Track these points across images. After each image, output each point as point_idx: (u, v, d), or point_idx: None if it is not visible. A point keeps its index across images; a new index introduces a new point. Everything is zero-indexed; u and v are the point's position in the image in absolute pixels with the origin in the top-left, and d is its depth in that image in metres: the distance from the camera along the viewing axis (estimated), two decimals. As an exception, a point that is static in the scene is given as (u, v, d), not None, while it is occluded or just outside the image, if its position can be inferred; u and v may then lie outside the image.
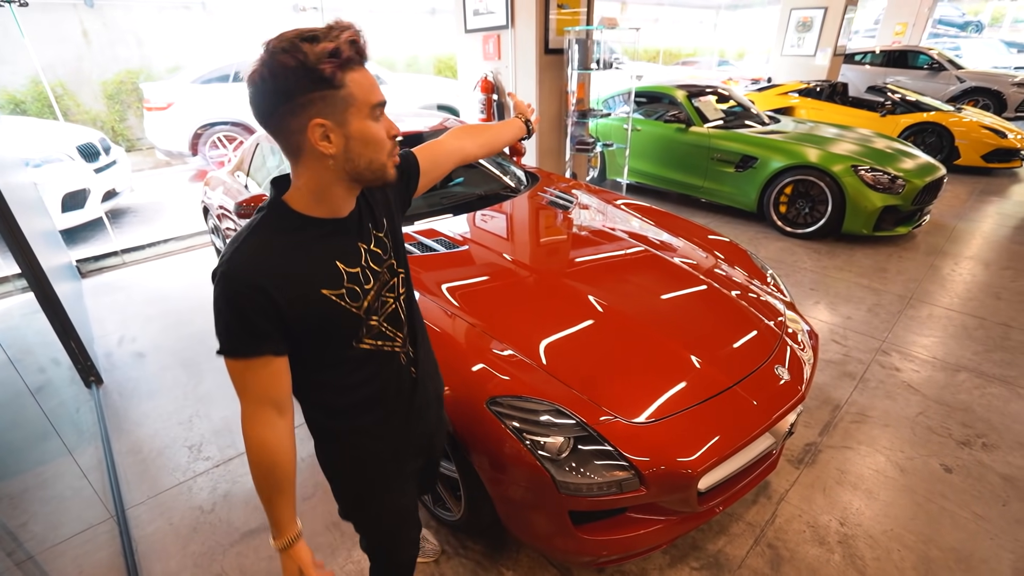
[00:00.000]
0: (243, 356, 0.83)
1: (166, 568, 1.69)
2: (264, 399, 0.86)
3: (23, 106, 6.51)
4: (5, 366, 2.52)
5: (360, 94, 0.77)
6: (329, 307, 0.86)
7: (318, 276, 0.85)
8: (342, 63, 0.74)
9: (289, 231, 0.84)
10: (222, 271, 0.80)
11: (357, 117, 0.78)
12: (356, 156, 0.81)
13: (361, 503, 1.11)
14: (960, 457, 2.10)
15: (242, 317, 0.80)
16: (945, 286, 3.52)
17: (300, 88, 0.74)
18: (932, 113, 6.33)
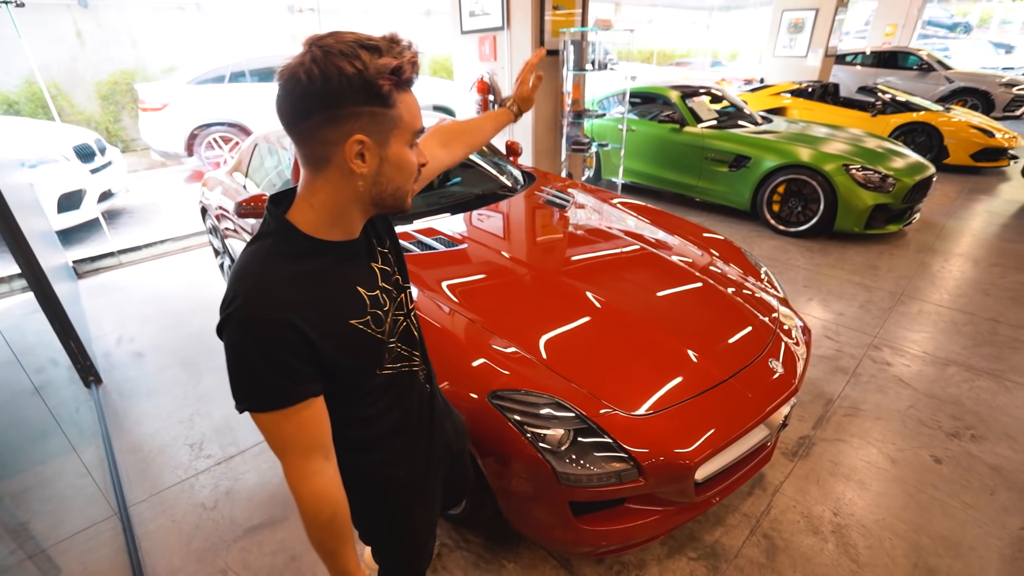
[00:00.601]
0: (281, 407, 0.73)
1: (170, 564, 1.70)
2: (311, 448, 0.77)
3: (16, 106, 6.48)
4: (4, 366, 2.52)
5: (408, 118, 0.73)
6: (359, 337, 0.80)
7: (344, 305, 0.79)
8: (400, 82, 0.70)
9: (303, 258, 0.76)
10: (240, 315, 0.70)
11: (399, 141, 0.74)
12: (386, 181, 0.75)
13: (394, 529, 1.07)
14: (949, 448, 2.14)
15: (274, 362, 0.71)
16: (935, 283, 3.58)
17: (351, 99, 0.67)
18: (921, 113, 6.42)
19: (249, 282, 0.72)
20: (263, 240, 0.76)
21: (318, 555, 0.85)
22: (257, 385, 0.72)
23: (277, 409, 0.73)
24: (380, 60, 0.67)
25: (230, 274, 0.79)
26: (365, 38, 0.68)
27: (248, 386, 0.73)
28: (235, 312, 0.70)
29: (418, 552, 1.15)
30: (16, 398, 2.23)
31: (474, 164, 3.03)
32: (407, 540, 1.10)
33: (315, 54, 0.65)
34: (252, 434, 2.26)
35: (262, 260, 0.74)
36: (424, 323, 1.70)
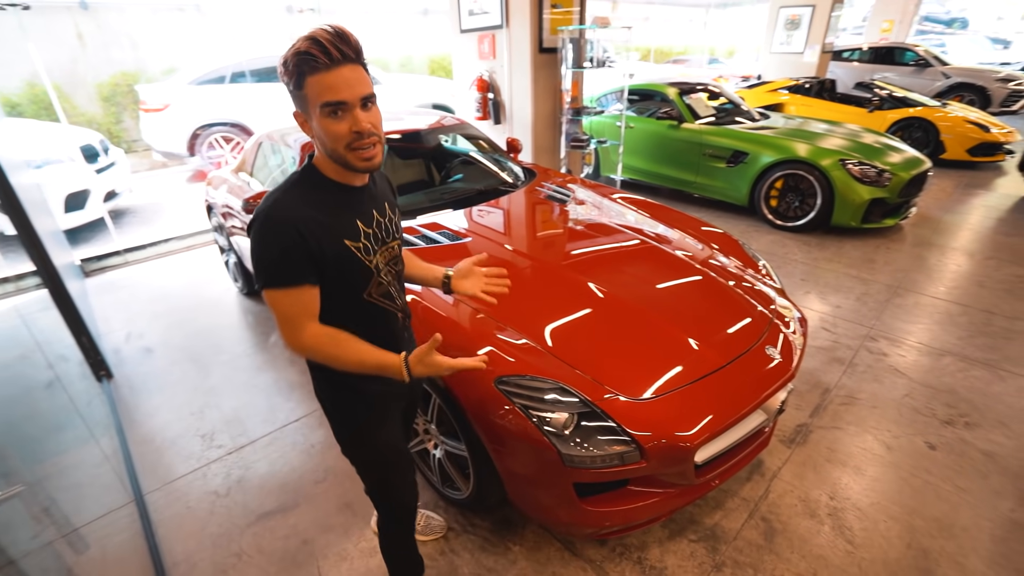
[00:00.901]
0: (284, 286, 0.97)
1: (186, 548, 1.75)
2: (302, 316, 1.00)
3: (19, 108, 6.52)
4: (19, 361, 2.57)
5: (312, 96, 0.92)
6: (349, 256, 1.02)
7: (342, 227, 1.01)
8: (298, 70, 0.90)
9: (319, 189, 1.02)
10: (264, 214, 0.96)
11: (315, 115, 0.94)
12: (323, 144, 0.97)
13: (359, 439, 1.22)
14: (943, 435, 2.20)
15: (282, 252, 0.95)
16: (931, 275, 3.63)
17: (287, 89, 0.96)
18: (918, 109, 6.47)
19: (274, 197, 0.99)
20: (294, 175, 1.04)
21: (364, 372, 1.04)
22: (268, 267, 0.97)
23: (281, 287, 0.97)
24: (283, 57, 0.92)
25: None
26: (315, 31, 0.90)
27: (261, 268, 0.97)
28: (259, 214, 0.97)
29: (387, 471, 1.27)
30: (32, 391, 2.28)
31: (476, 161, 3.08)
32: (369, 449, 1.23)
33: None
34: (262, 425, 2.31)
35: (288, 186, 1.01)
36: (430, 313, 1.75)
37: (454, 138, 3.20)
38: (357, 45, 0.93)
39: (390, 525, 1.37)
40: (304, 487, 1.99)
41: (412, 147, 3.06)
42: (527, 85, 4.45)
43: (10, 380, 2.63)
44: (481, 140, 3.21)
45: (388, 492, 1.31)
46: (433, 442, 1.84)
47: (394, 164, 3.01)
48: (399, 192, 2.90)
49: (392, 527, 1.37)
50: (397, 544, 1.40)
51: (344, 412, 1.20)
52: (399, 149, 3.01)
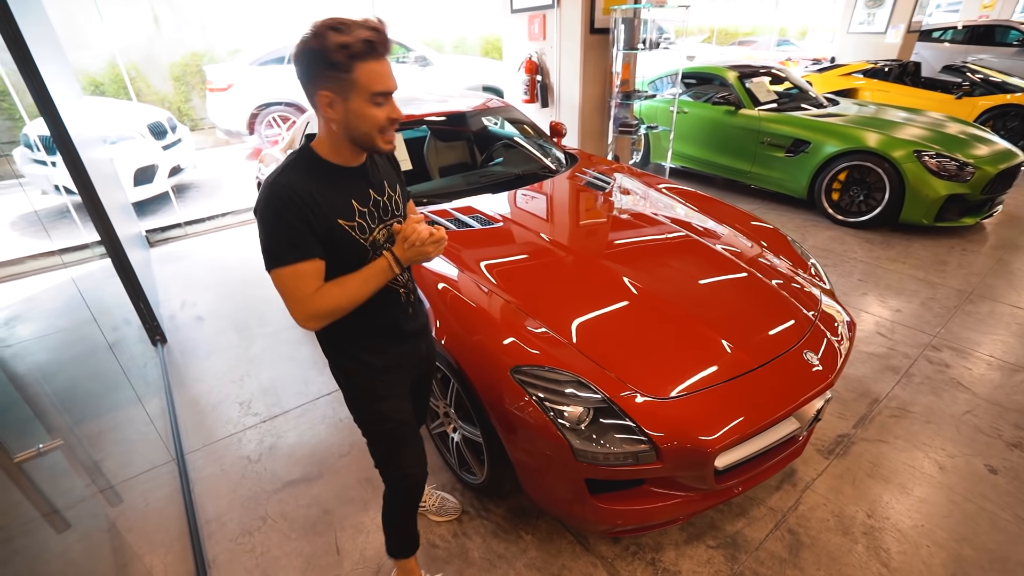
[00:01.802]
0: (294, 261, 1.00)
1: (217, 507, 1.87)
2: (312, 288, 1.03)
3: (102, 87, 7.03)
4: (87, 323, 2.80)
5: (365, 82, 0.95)
6: (343, 234, 1.06)
7: (336, 207, 1.05)
8: (352, 55, 0.92)
9: (316, 169, 1.05)
10: (266, 193, 1.00)
11: (358, 98, 0.97)
12: (353, 127, 1.00)
13: (365, 404, 1.28)
14: (1008, 459, 2.00)
15: (288, 226, 0.99)
16: (1013, 282, 3.28)
17: (316, 65, 0.95)
18: (1017, 95, 5.80)
19: (272, 178, 1.03)
20: (291, 157, 1.07)
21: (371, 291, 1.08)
22: (276, 245, 1.00)
23: (290, 264, 1.00)
24: (337, 38, 0.91)
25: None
26: (338, 21, 0.93)
27: (269, 247, 1.01)
28: (260, 196, 1.02)
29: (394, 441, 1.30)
30: (96, 352, 2.47)
31: (516, 145, 3.04)
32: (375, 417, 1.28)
33: (304, 36, 0.94)
34: (295, 397, 2.41)
35: (284, 168, 1.05)
36: (459, 301, 1.73)
37: (496, 121, 3.17)
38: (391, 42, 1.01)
39: (395, 497, 1.39)
40: (329, 459, 2.06)
41: (452, 129, 3.05)
42: (576, 67, 4.33)
43: (78, 340, 2.88)
44: (523, 123, 3.16)
45: (393, 464, 1.34)
46: (452, 425, 1.85)
47: (436, 147, 3.02)
48: (440, 174, 2.92)
49: (396, 499, 1.39)
50: (399, 517, 1.42)
51: (351, 382, 1.26)
52: (439, 131, 3.01)
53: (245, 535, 1.76)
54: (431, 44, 9.21)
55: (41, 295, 3.59)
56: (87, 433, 2.21)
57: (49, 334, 2.95)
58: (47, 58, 2.52)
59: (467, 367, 1.55)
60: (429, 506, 1.79)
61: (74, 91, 3.33)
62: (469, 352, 1.58)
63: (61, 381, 2.60)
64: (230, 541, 1.74)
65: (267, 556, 1.69)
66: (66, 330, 2.98)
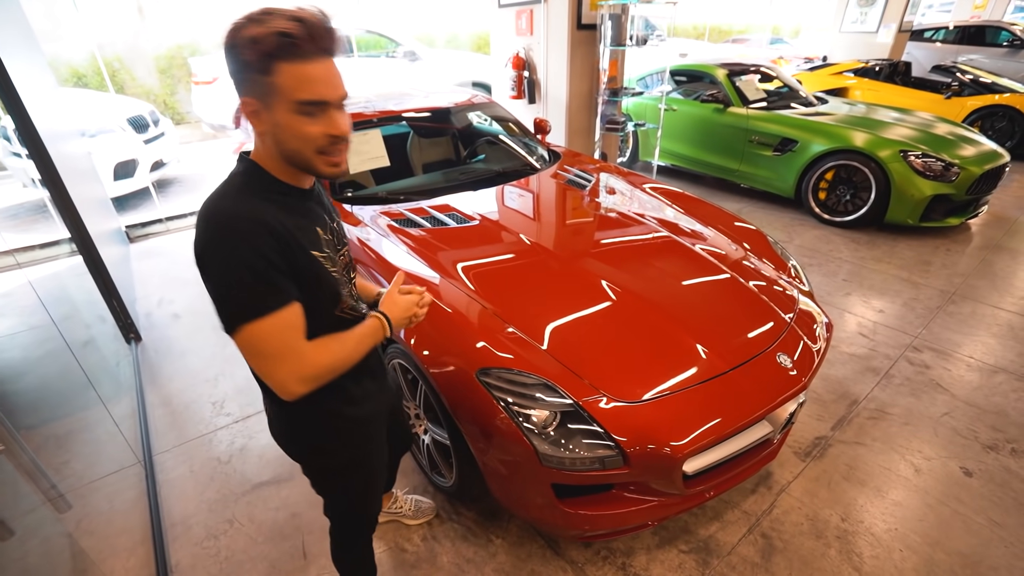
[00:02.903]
0: (271, 311, 0.78)
1: (184, 510, 1.83)
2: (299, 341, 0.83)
3: (84, 79, 6.91)
4: (59, 321, 2.74)
5: (287, 87, 0.76)
6: (317, 267, 0.88)
7: (306, 236, 0.86)
8: (267, 52, 0.74)
9: (270, 191, 0.85)
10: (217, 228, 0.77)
11: (281, 108, 0.78)
12: (283, 142, 0.81)
13: (351, 466, 1.12)
14: (984, 461, 1.99)
15: (260, 264, 0.77)
16: (995, 283, 3.29)
17: (233, 66, 0.78)
18: (1006, 96, 5.83)
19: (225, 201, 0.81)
20: (230, 180, 0.86)
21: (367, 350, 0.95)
22: (247, 292, 0.77)
23: (271, 312, 0.78)
24: (247, 32, 0.74)
25: (198, 216, 0.82)
26: (262, 10, 0.75)
27: (237, 296, 0.77)
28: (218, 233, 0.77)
29: (375, 496, 1.23)
30: (66, 351, 2.42)
31: (497, 141, 3.00)
32: (367, 481, 1.17)
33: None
34: (270, 397, 2.37)
35: (235, 188, 0.84)
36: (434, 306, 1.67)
37: (480, 118, 3.13)
38: (341, 39, 0.80)
39: (359, 536, 1.27)
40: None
41: (434, 126, 3.00)
42: (563, 63, 4.29)
43: (51, 337, 2.82)
44: (507, 120, 3.12)
45: (366, 506, 1.23)
46: (423, 427, 1.82)
47: (418, 143, 2.97)
48: (423, 171, 2.87)
49: (359, 538, 1.28)
50: (361, 556, 1.32)
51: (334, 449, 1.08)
52: (421, 127, 2.97)
53: (211, 539, 1.73)
54: (423, 39, 9.14)
55: (17, 291, 3.53)
56: (53, 434, 2.17)
57: (19, 332, 2.89)
58: (15, 48, 2.45)
59: (432, 367, 1.52)
60: (405, 511, 1.76)
61: (48, 82, 3.26)
62: (435, 352, 1.55)
63: (30, 380, 2.55)
64: (195, 545, 1.71)
65: (232, 560, 1.66)
66: (38, 328, 2.92)
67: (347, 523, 1.24)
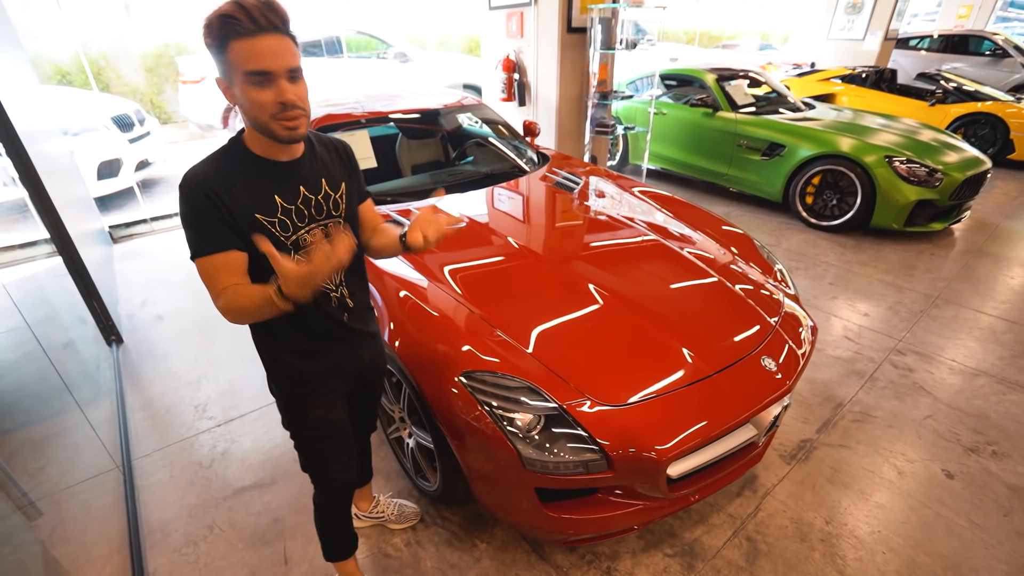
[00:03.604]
0: (210, 253, 0.96)
1: (163, 516, 1.79)
2: (225, 279, 0.98)
3: (69, 77, 6.80)
4: (37, 323, 2.69)
5: (237, 62, 0.88)
6: (260, 229, 1.00)
7: (255, 200, 1.00)
8: (220, 34, 0.87)
9: (239, 161, 1.01)
10: (180, 184, 0.97)
11: (238, 81, 0.90)
12: (248, 114, 0.95)
13: (292, 413, 1.25)
14: (965, 464, 2.01)
15: (201, 217, 0.95)
16: (977, 287, 3.33)
17: (207, 45, 0.90)
18: (988, 103, 5.93)
19: (192, 167, 0.99)
20: (217, 149, 1.03)
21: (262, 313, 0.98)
22: (194, 236, 0.97)
23: (208, 255, 0.97)
24: (205, 21, 0.87)
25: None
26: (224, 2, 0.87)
27: (189, 238, 0.97)
28: (180, 182, 0.98)
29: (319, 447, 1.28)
30: (48, 352, 2.37)
31: (485, 143, 3.00)
32: (309, 434, 1.26)
33: None
34: (253, 400, 2.34)
35: (205, 158, 1.01)
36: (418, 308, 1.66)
37: (468, 119, 3.12)
38: (285, 15, 0.90)
39: (323, 500, 1.38)
40: (284, 464, 2.00)
41: (421, 128, 2.99)
42: (553, 66, 4.30)
43: (29, 340, 2.76)
44: (495, 122, 3.11)
45: (322, 469, 1.32)
46: (407, 431, 1.80)
47: (407, 144, 2.96)
48: (411, 172, 2.85)
49: (324, 502, 1.38)
50: (329, 521, 1.41)
51: (282, 390, 1.22)
52: (410, 129, 2.95)
53: (190, 545, 1.69)
54: (414, 40, 9.11)
55: (-4, 292, 3.45)
56: (29, 438, 2.12)
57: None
58: (-7, 45, 2.41)
59: (415, 370, 1.51)
60: (388, 515, 1.74)
61: (29, 80, 3.20)
62: (419, 355, 1.53)
63: (6, 384, 2.49)
64: (173, 552, 1.67)
65: (211, 567, 1.62)
66: (16, 330, 2.85)
67: (314, 482, 1.35)
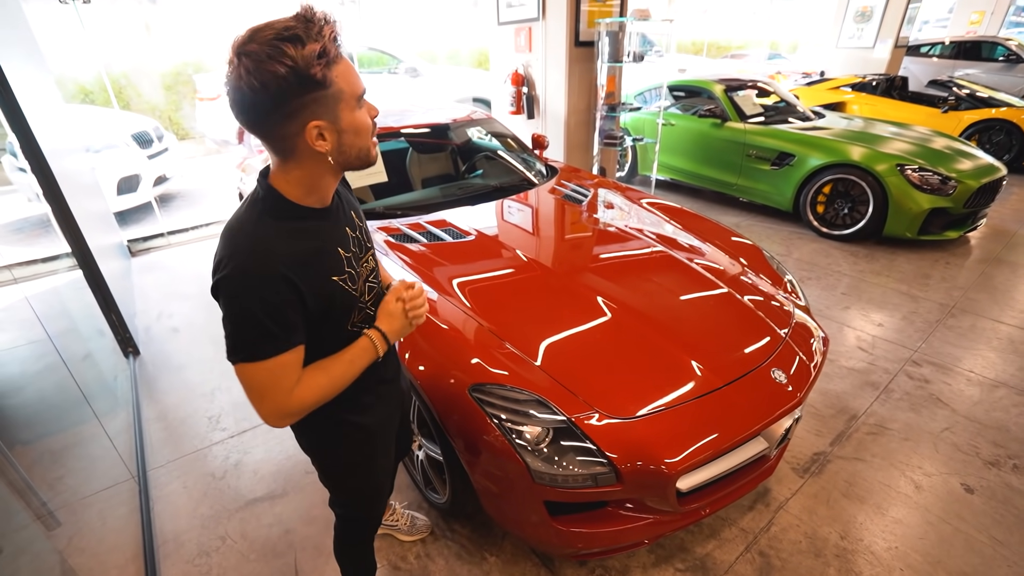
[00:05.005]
0: (275, 354, 0.80)
1: (176, 527, 1.82)
2: (291, 380, 0.85)
3: (91, 96, 7.02)
4: (57, 335, 2.75)
5: (347, 88, 0.78)
6: (339, 291, 0.89)
7: (327, 262, 0.88)
8: (330, 62, 0.74)
9: (291, 219, 0.84)
10: (238, 271, 0.77)
11: (347, 110, 0.79)
12: (348, 147, 0.82)
13: (355, 471, 1.17)
14: (985, 478, 1.97)
15: (272, 312, 0.78)
16: (995, 296, 3.27)
17: (293, 94, 0.73)
18: (1002, 109, 5.86)
19: (244, 240, 0.80)
20: (253, 204, 0.85)
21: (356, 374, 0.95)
22: (253, 334, 0.79)
23: (271, 357, 0.81)
24: (306, 50, 0.71)
25: (222, 233, 0.85)
26: (283, 28, 0.72)
27: (243, 336, 0.80)
28: (233, 270, 0.77)
29: (378, 498, 1.28)
30: (67, 364, 2.42)
31: (494, 157, 3.03)
32: (370, 485, 1.22)
33: (247, 65, 0.71)
34: (266, 411, 2.36)
35: (253, 222, 0.82)
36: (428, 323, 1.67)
37: (477, 133, 3.16)
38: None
39: (355, 529, 1.34)
40: (295, 476, 2.01)
41: (432, 142, 3.04)
42: (562, 80, 4.34)
43: (50, 352, 2.82)
44: (504, 136, 3.15)
45: (372, 510, 1.30)
46: (417, 443, 1.81)
47: (417, 159, 3.00)
48: (422, 186, 2.90)
49: (357, 531, 1.35)
50: (359, 549, 1.39)
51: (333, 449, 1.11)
52: (420, 143, 3.00)
53: (202, 555, 1.71)
54: (425, 55, 9.26)
55: (17, 304, 3.54)
56: (48, 449, 2.16)
57: (18, 346, 2.90)
58: (21, 67, 2.50)
59: (425, 383, 1.52)
60: (400, 526, 1.75)
61: (54, 99, 3.31)
62: (428, 368, 1.54)
63: (28, 395, 2.54)
64: (186, 562, 1.69)
65: (223, 578, 1.64)
66: (37, 342, 2.92)
67: (349, 520, 1.31)
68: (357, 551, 1.39)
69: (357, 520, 1.31)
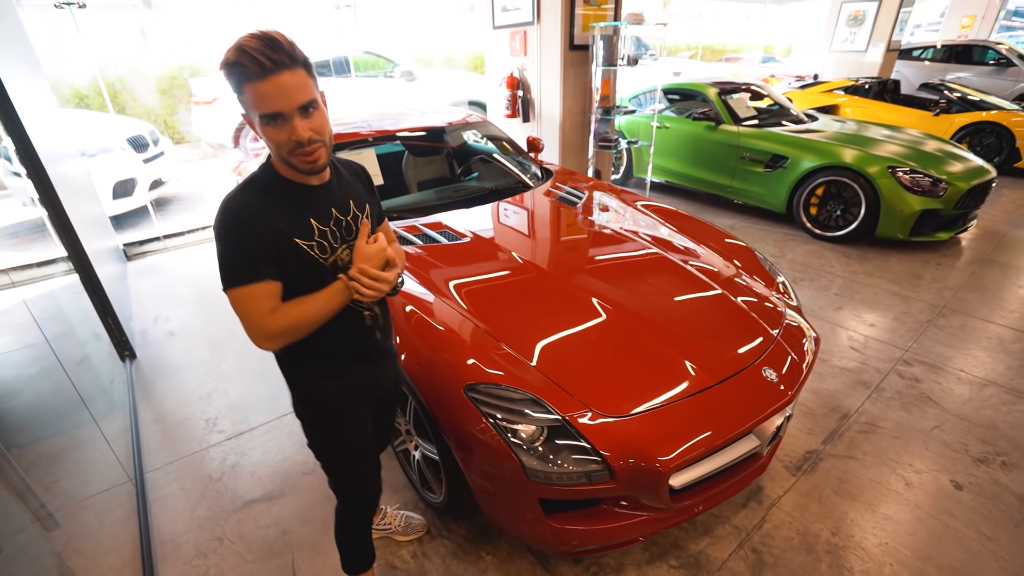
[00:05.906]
0: (243, 283, 0.98)
1: (174, 529, 1.82)
2: (265, 308, 1.00)
3: (87, 100, 7.01)
4: (54, 339, 2.76)
5: (251, 105, 0.91)
6: (299, 253, 1.03)
7: (292, 226, 1.02)
8: (233, 80, 0.90)
9: (274, 188, 1.03)
10: (221, 213, 0.99)
11: (255, 121, 0.94)
12: (269, 147, 0.98)
13: (323, 435, 1.27)
14: (974, 474, 1.99)
15: (242, 247, 0.97)
16: (985, 296, 3.32)
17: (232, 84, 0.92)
18: (993, 112, 5.93)
19: (228, 196, 1.02)
20: (250, 175, 1.06)
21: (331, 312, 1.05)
22: (228, 266, 0.98)
23: (242, 286, 0.98)
24: (221, 63, 0.89)
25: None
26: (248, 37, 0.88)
27: (224, 266, 0.99)
28: (217, 220, 1.00)
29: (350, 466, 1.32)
30: (59, 369, 2.43)
31: (489, 160, 3.05)
32: (344, 459, 1.30)
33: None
34: (263, 414, 2.37)
35: (241, 186, 1.03)
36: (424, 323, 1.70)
37: (472, 136, 3.19)
38: (291, 49, 0.90)
39: (348, 513, 1.40)
40: (292, 477, 2.03)
41: (427, 145, 3.06)
42: (557, 83, 4.37)
43: (47, 355, 2.83)
44: (500, 138, 3.17)
45: (352, 487, 1.36)
46: (413, 443, 1.83)
47: (413, 162, 3.02)
48: (417, 189, 2.92)
49: (350, 516, 1.40)
50: (354, 534, 1.44)
51: (311, 410, 1.24)
52: (415, 147, 3.02)
53: (200, 557, 1.72)
54: (420, 59, 9.29)
55: (14, 308, 3.54)
56: (45, 452, 2.16)
57: (14, 350, 2.90)
58: (17, 71, 2.51)
59: (421, 383, 1.54)
60: (395, 527, 1.76)
61: (49, 104, 3.32)
62: (425, 368, 1.56)
63: (25, 398, 2.55)
64: (184, 564, 1.70)
65: (221, 579, 1.65)
66: (34, 346, 2.93)
67: (340, 500, 1.38)
68: (353, 537, 1.44)
69: (348, 505, 1.38)
